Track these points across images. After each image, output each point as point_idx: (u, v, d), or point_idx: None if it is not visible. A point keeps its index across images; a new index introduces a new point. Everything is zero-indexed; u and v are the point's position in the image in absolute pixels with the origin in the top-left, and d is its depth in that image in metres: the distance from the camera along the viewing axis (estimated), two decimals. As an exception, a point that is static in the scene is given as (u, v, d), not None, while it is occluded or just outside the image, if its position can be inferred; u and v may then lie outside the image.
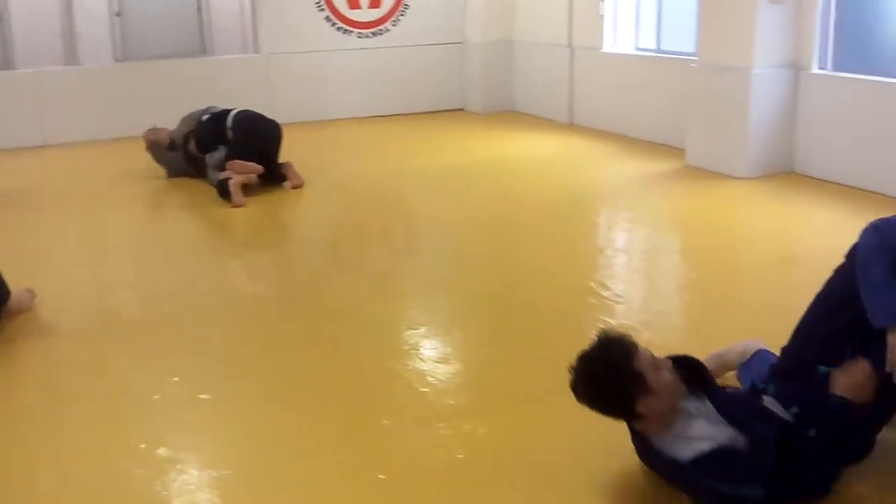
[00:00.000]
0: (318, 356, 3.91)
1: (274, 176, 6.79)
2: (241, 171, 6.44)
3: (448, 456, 3.05)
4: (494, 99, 10.06)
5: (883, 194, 5.82)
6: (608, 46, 8.69)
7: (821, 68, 6.63)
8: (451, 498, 2.82)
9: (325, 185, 6.95)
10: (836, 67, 6.59)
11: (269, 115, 7.04)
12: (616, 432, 3.16)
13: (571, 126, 9.13)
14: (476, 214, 6.21)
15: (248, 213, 6.25)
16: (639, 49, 8.56)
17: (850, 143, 6.33)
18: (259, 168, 6.56)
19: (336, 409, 3.43)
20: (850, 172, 6.30)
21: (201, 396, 3.54)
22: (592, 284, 4.64)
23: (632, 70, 8.44)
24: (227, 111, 6.86)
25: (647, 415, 2.68)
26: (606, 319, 4.16)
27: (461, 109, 10.24)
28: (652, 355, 2.76)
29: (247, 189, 6.47)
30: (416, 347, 3.98)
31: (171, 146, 7.15)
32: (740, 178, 6.66)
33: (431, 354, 3.90)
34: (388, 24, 9.89)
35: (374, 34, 9.87)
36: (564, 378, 3.56)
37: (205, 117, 6.92)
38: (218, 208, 6.29)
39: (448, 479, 2.93)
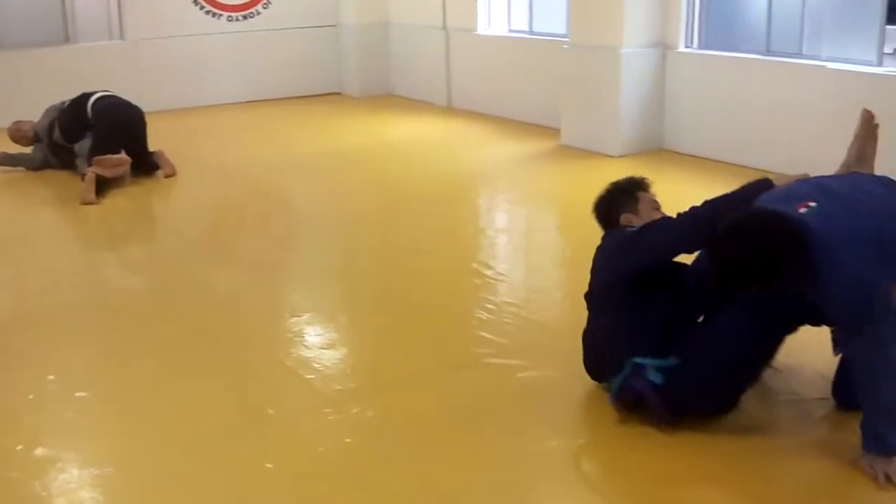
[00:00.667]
0: (198, 348, 3.84)
1: (145, 165, 6.60)
2: (108, 167, 6.20)
3: (336, 441, 3.05)
4: (371, 82, 10.02)
5: (746, 166, 6.07)
6: (483, 29, 8.77)
7: (687, 47, 6.85)
8: (341, 482, 2.82)
9: (199, 173, 6.80)
10: (702, 46, 6.83)
11: (138, 103, 6.83)
12: (505, 405, 3.22)
13: (450, 109, 9.18)
14: (356, 199, 6.19)
15: (120, 205, 6.06)
16: (512, 31, 8.66)
17: (715, 118, 6.57)
18: (126, 160, 6.34)
19: (219, 400, 3.37)
20: (714, 147, 6.55)
21: (78, 394, 3.43)
22: (475, 265, 4.70)
23: (506, 52, 8.54)
24: (87, 95, 6.60)
25: None
26: (490, 298, 4.22)
27: (338, 93, 10.16)
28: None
29: (117, 181, 6.27)
30: (299, 335, 3.94)
31: (36, 138, 6.86)
32: (613, 157, 6.84)
33: (316, 341, 3.88)
34: (258, 7, 9.71)
35: (245, 17, 9.68)
36: (451, 357, 3.64)
37: (65, 105, 6.66)
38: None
39: (337, 463, 2.92)
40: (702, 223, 2.97)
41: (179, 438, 3.10)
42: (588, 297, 3.30)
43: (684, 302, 3.09)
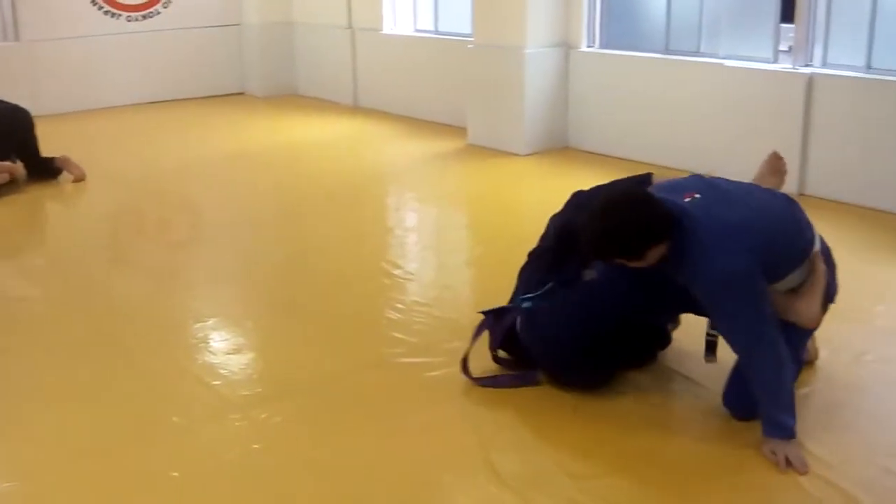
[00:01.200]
0: (100, 357, 3.72)
1: (43, 170, 6.38)
2: None
3: (244, 447, 2.99)
4: (276, 82, 9.90)
5: (648, 163, 6.17)
6: (388, 28, 8.74)
7: (589, 46, 6.95)
8: (249, 489, 2.77)
9: (99, 177, 6.60)
10: (604, 45, 6.94)
11: (33, 106, 6.59)
12: (416, 404, 3.21)
13: (356, 108, 9.14)
14: (262, 201, 6.10)
15: (17, 211, 5.85)
16: (418, 31, 8.66)
17: (617, 116, 6.68)
18: (10, 166, 6.12)
19: (122, 409, 3.28)
20: (617, 144, 6.66)
21: (-28, 409, 3.30)
22: (384, 264, 4.68)
23: (412, 52, 8.53)
24: None
25: None
26: (399, 297, 4.21)
27: (241, 93, 10.01)
28: None
29: (10, 186, 6.05)
30: (204, 341, 3.86)
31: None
32: (519, 155, 6.90)
33: (222, 346, 3.80)
34: (158, 7, 9.50)
35: (145, 17, 9.45)
36: (361, 358, 3.61)
37: None
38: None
39: (244, 470, 2.87)
40: (583, 205, 3.16)
41: (81, 449, 3.00)
42: None
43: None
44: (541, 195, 5.96)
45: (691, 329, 3.35)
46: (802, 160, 5.64)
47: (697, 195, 2.88)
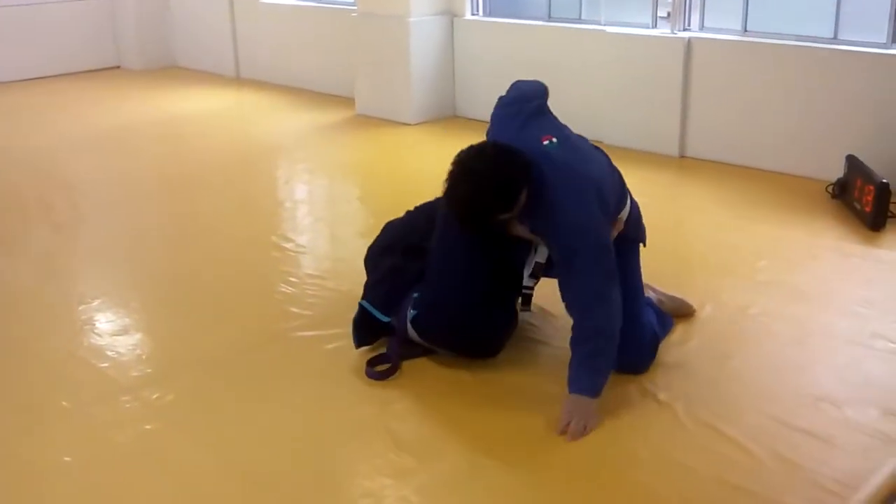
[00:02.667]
0: (-21, 344, 3.57)
1: None
2: None
3: (136, 428, 2.91)
4: (153, 54, 9.59)
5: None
6: (268, -3, 8.56)
7: (473, 14, 6.96)
8: (143, 470, 2.70)
9: (-31, 157, 6.30)
10: (487, 14, 6.95)
11: None
12: (312, 377, 3.17)
13: (239, 80, 8.94)
14: (144, 177, 5.92)
15: None
16: (299, -1, 8.51)
17: (501, 84, 6.59)
18: None
19: (7, 396, 3.15)
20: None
21: None
22: (275, 238, 4.60)
23: (294, 21, 8.37)
24: None
25: None
26: (292, 271, 4.15)
27: (117, 67, 9.66)
28: None
29: None
30: (90, 323, 3.73)
31: None
32: (408, 125, 6.87)
33: (108, 328, 3.68)
34: (25, -21, 9.07)
35: (12, -11, 9.02)
36: (255, 334, 3.55)
37: None
38: None
39: (138, 451, 2.79)
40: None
41: (-39, 441, 2.88)
42: None
43: None
44: (430, 164, 5.92)
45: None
46: (683, 123, 5.79)
47: (554, 139, 2.91)
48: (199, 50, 9.42)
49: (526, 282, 3.11)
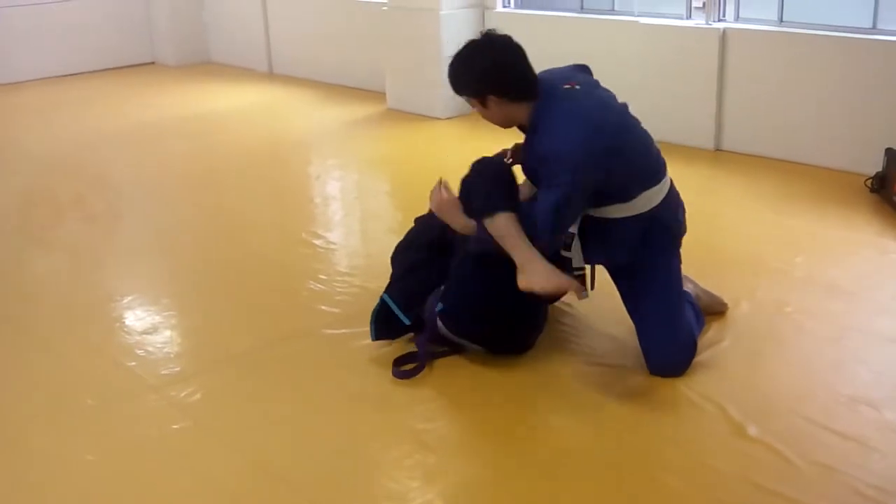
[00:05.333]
0: (8, 339, 3.59)
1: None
2: None
3: (162, 427, 2.90)
4: (188, 50, 9.63)
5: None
6: (300, -8, 8.56)
7: (505, 7, 6.90)
8: (168, 469, 2.69)
9: (7, 154, 6.35)
10: (519, 5, 6.89)
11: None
12: (340, 376, 3.15)
13: (272, 75, 8.95)
14: (178, 173, 5.93)
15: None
16: (331, -6, 8.49)
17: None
18: None
19: (35, 393, 3.16)
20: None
21: None
22: (305, 235, 4.59)
23: (326, 15, 8.35)
24: None
25: None
26: (321, 268, 4.13)
27: (152, 63, 9.72)
28: None
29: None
30: (119, 320, 3.73)
31: None
32: (440, 119, 6.83)
33: (137, 326, 3.68)
34: (61, -24, 9.15)
35: (47, -13, 9.11)
36: (283, 331, 3.54)
37: None
38: None
39: (164, 449, 2.79)
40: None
41: (-10, 439, 2.89)
42: None
43: None
44: (461, 159, 5.87)
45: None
46: (718, 115, 5.69)
47: (578, 87, 2.99)
48: (233, 46, 9.44)
49: (575, 263, 3.06)
